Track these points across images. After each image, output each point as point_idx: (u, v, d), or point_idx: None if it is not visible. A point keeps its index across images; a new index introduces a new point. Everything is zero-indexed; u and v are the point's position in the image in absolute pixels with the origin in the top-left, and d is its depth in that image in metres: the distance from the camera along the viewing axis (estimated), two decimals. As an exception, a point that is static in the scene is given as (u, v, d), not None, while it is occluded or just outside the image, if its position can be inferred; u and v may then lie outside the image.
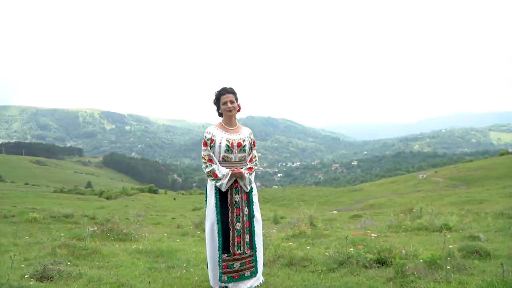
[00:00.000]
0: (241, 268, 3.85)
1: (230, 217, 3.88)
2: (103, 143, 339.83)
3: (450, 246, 3.86)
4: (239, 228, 3.87)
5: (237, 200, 3.91)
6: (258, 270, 3.96)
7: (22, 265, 4.65)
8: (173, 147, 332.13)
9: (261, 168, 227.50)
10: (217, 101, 4.07)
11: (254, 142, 4.12)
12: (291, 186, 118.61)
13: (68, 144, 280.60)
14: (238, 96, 4.10)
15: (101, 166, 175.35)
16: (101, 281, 3.86)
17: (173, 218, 25.97)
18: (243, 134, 4.05)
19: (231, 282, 3.83)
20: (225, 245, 3.85)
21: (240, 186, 3.93)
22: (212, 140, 3.96)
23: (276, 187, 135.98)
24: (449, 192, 48.98)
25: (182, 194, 76.21)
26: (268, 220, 20.51)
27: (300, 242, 6.34)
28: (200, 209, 40.38)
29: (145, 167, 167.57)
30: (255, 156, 4.12)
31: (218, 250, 3.83)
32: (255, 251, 3.94)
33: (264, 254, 5.03)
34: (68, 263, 4.76)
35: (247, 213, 3.93)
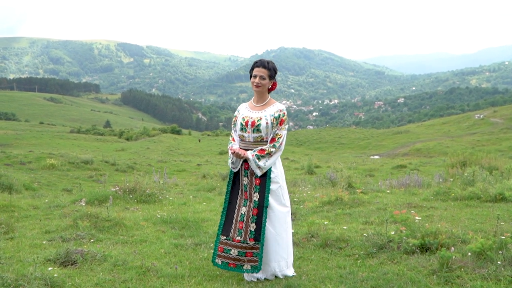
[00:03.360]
0: (239, 257, 3.84)
1: (238, 199, 4.00)
2: (120, 78, 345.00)
3: (502, 237, 3.86)
4: (243, 213, 3.91)
5: (245, 183, 3.97)
6: (265, 266, 3.87)
7: (44, 242, 5.00)
8: (197, 82, 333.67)
9: (294, 106, 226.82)
10: (251, 73, 4.03)
11: (282, 121, 3.90)
12: (327, 126, 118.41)
13: (84, 80, 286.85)
14: (274, 73, 3.96)
15: (120, 104, 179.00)
16: (126, 265, 4.12)
17: (198, 164, 26.66)
18: (266, 112, 3.93)
19: (225, 269, 3.92)
20: (226, 226, 3.97)
21: (251, 169, 3.94)
22: (235, 118, 4.12)
23: (311, 127, 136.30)
24: (509, 135, 47.77)
25: (208, 135, 77.43)
26: (302, 169, 20.83)
27: (337, 213, 6.48)
28: (227, 153, 41.14)
29: (167, 105, 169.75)
30: (280, 136, 3.90)
31: (218, 229, 4.00)
32: (261, 245, 3.82)
33: (296, 233, 5.18)
34: (91, 239, 5.09)
35: (256, 199, 3.89)
